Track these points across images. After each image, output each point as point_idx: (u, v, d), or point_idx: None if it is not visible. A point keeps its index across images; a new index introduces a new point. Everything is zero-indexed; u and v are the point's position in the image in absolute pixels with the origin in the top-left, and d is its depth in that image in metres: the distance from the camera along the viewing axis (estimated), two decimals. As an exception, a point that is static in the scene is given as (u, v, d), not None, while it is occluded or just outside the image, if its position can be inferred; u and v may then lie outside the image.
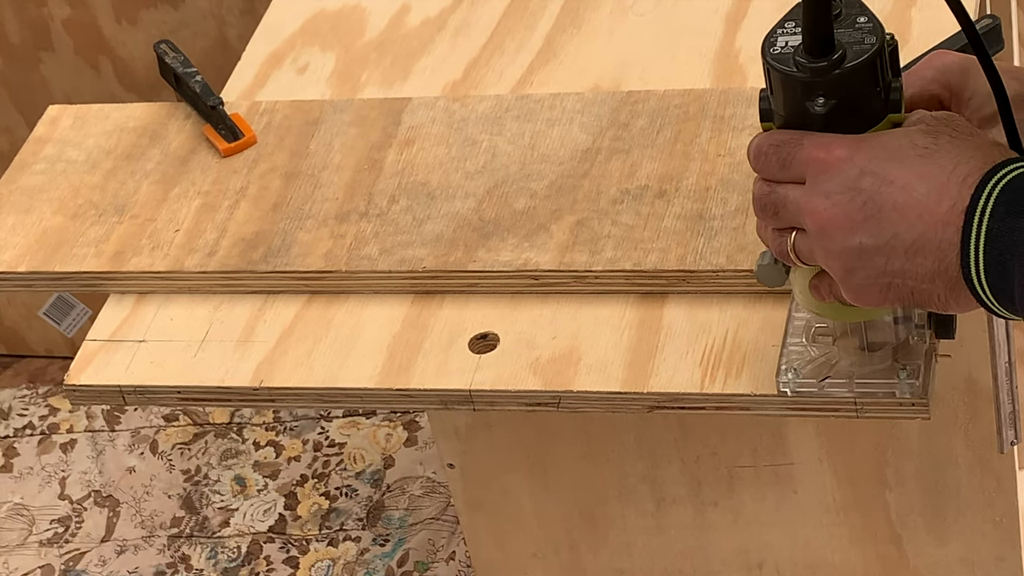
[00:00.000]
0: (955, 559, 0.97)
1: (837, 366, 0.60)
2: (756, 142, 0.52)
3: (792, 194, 0.51)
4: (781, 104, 0.52)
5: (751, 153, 0.53)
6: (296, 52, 0.83)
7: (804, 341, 0.60)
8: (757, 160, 0.52)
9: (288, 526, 1.20)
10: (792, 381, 0.60)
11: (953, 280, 0.49)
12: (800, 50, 0.51)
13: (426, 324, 0.67)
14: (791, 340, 0.61)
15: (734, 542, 1.00)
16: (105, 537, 1.22)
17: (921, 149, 0.50)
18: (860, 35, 0.51)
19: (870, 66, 0.51)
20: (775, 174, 0.52)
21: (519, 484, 1.01)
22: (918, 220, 0.49)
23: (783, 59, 0.51)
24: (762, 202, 0.53)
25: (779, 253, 0.54)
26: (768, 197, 0.52)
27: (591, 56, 0.78)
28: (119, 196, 0.76)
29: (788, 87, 0.51)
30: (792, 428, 0.94)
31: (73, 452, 1.30)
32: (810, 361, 0.60)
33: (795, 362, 0.60)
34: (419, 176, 0.73)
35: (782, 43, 0.51)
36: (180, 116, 0.79)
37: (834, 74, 0.50)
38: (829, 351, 0.60)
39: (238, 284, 0.71)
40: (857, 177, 0.49)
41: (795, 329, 0.61)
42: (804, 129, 0.51)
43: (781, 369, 0.60)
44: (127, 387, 0.68)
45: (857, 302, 0.52)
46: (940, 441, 0.93)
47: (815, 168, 0.50)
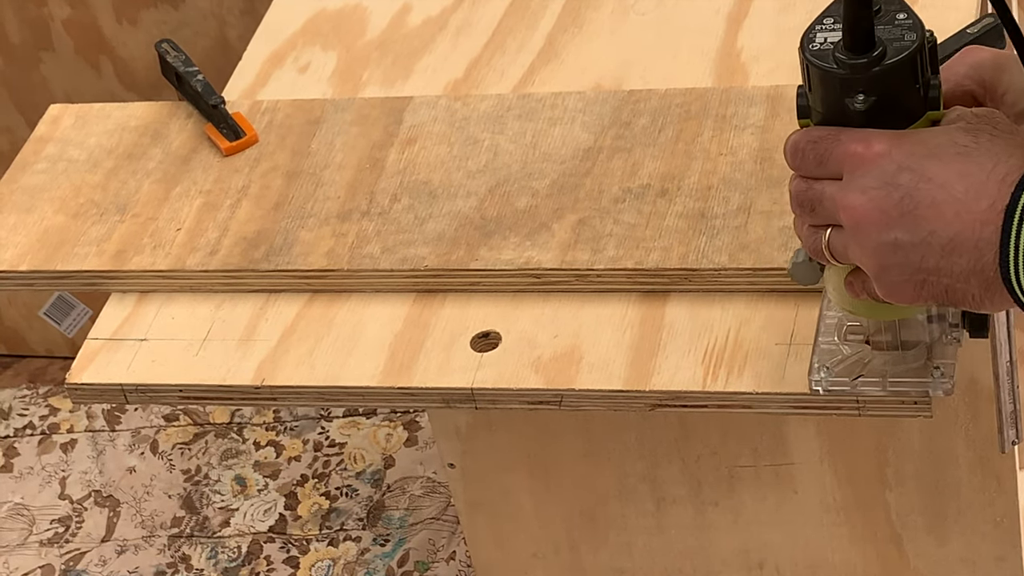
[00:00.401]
0: (956, 559, 0.97)
1: (870, 365, 0.59)
2: (793, 139, 0.52)
3: (828, 190, 0.51)
4: (819, 101, 0.52)
5: (788, 150, 0.52)
6: (297, 51, 0.83)
7: (836, 339, 0.60)
8: (794, 157, 0.52)
9: (288, 526, 1.20)
10: (825, 379, 0.60)
11: (990, 279, 0.48)
12: (840, 46, 0.50)
13: (428, 323, 0.67)
14: (823, 338, 0.60)
15: (734, 542, 1.00)
16: (105, 537, 1.22)
17: (961, 147, 0.49)
18: (900, 32, 0.50)
19: (911, 63, 0.50)
20: (812, 170, 0.52)
21: (519, 484, 1.00)
22: (955, 218, 0.48)
23: (822, 55, 0.51)
24: (799, 199, 0.52)
25: (814, 250, 0.53)
26: (805, 194, 0.52)
27: (593, 55, 0.78)
28: (121, 195, 0.76)
29: (827, 84, 0.51)
30: (793, 428, 0.94)
31: (73, 452, 1.30)
32: (842, 360, 0.59)
33: (827, 360, 0.60)
34: (421, 175, 0.73)
35: (820, 39, 0.51)
36: (181, 115, 0.79)
37: (874, 71, 0.50)
38: (861, 350, 0.59)
39: (240, 283, 0.71)
40: (895, 173, 0.49)
41: (827, 327, 0.60)
42: (842, 126, 0.51)
43: (813, 367, 0.59)
44: (129, 386, 0.68)
45: (891, 299, 0.51)
46: (941, 441, 0.93)
47: (852, 163, 0.50)
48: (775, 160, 0.70)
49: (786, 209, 0.68)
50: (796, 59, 0.77)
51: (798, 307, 0.65)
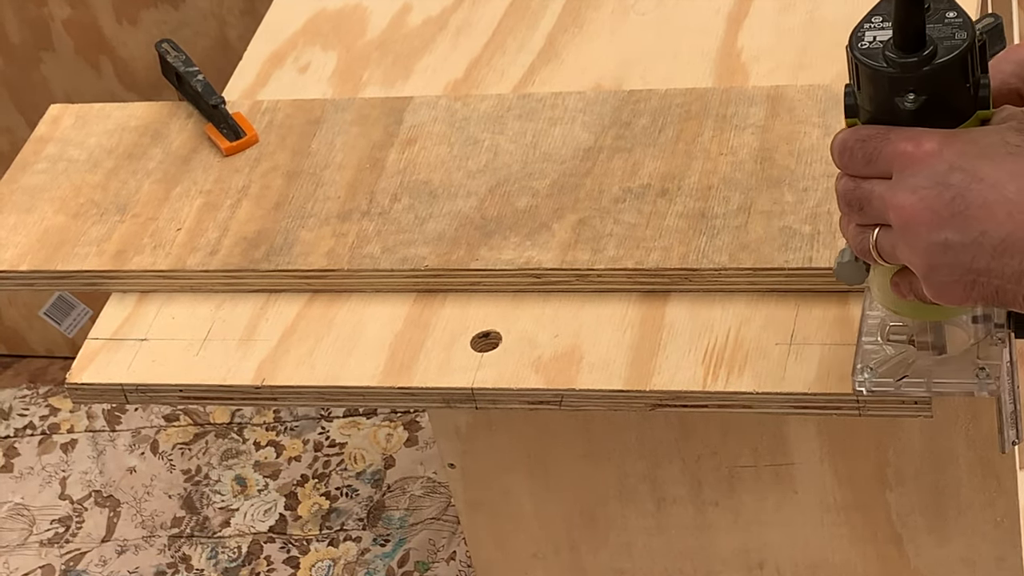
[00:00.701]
0: (956, 559, 0.97)
1: (914, 365, 0.59)
2: (841, 137, 0.52)
3: (877, 189, 0.51)
4: (868, 100, 0.51)
5: (835, 148, 0.52)
6: (298, 51, 0.83)
7: (879, 339, 0.59)
8: (842, 155, 0.51)
9: (288, 526, 1.20)
10: (868, 380, 0.59)
11: None
12: (889, 45, 0.50)
13: (428, 323, 0.67)
14: (866, 338, 0.59)
15: (734, 542, 1.00)
16: (106, 537, 1.22)
17: (1012, 147, 0.49)
18: (950, 30, 0.50)
19: (961, 62, 0.50)
20: (860, 169, 0.51)
21: (520, 484, 1.00)
22: (1007, 219, 0.48)
23: (872, 54, 0.50)
24: (846, 198, 0.52)
25: (860, 250, 0.53)
26: (853, 193, 0.51)
27: (593, 55, 0.78)
28: (121, 195, 0.76)
29: (877, 82, 0.51)
30: (793, 428, 0.94)
31: (74, 452, 1.30)
32: (886, 360, 0.59)
33: (870, 361, 0.59)
34: (421, 175, 0.73)
35: (870, 38, 0.51)
36: (182, 115, 0.79)
37: (925, 70, 0.49)
38: (905, 350, 0.59)
39: (240, 283, 0.71)
40: (946, 172, 0.49)
41: (869, 327, 0.59)
42: (891, 125, 0.51)
43: (857, 368, 0.59)
44: (129, 385, 0.68)
45: (939, 300, 0.51)
46: (941, 441, 0.93)
47: (902, 162, 0.50)
48: (775, 160, 0.70)
49: (786, 209, 0.68)
50: (795, 59, 0.77)
51: (798, 307, 0.65)
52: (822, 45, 0.76)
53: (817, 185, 0.68)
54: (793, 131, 0.71)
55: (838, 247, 0.65)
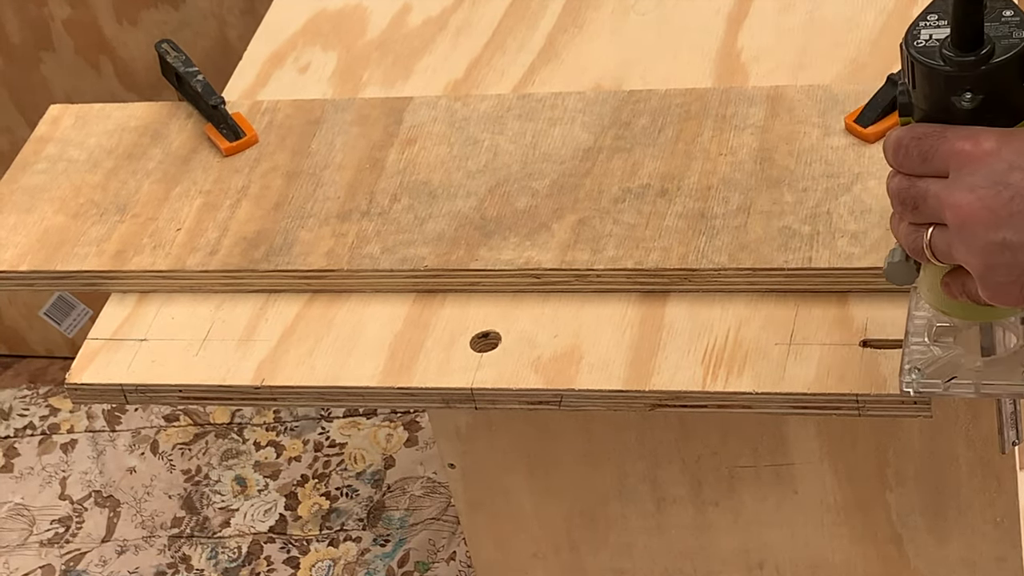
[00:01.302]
0: (956, 559, 0.97)
1: (962, 367, 0.58)
2: (896, 135, 0.51)
3: (933, 188, 0.50)
4: (923, 98, 0.51)
5: (890, 146, 0.51)
6: (298, 51, 0.83)
7: (926, 340, 0.59)
8: (896, 153, 0.51)
9: (289, 526, 1.20)
10: (916, 381, 0.58)
11: None
12: (946, 43, 0.50)
13: (428, 323, 0.67)
14: (913, 339, 0.59)
15: (735, 542, 1.00)
16: (106, 537, 1.22)
17: None
18: (1008, 29, 0.50)
19: (1019, 61, 0.50)
20: (915, 167, 0.51)
21: (520, 484, 1.00)
22: None
23: (928, 52, 0.50)
24: (900, 196, 0.51)
25: (913, 249, 0.52)
26: (908, 191, 0.51)
27: (593, 55, 0.78)
28: (120, 195, 0.76)
29: (933, 81, 0.50)
30: (793, 428, 0.94)
31: (74, 452, 1.30)
32: (934, 361, 0.59)
33: (918, 362, 0.59)
34: (421, 175, 0.73)
35: (925, 36, 0.50)
36: (182, 115, 0.79)
37: (983, 69, 0.49)
38: (953, 351, 0.59)
39: (240, 283, 0.71)
40: (1005, 171, 0.48)
41: (916, 328, 0.59)
42: (946, 124, 0.50)
43: (904, 369, 0.58)
44: (128, 386, 0.68)
45: (994, 301, 0.51)
46: (941, 441, 0.93)
47: (960, 160, 0.49)
48: (775, 160, 0.70)
49: (785, 209, 0.68)
50: (795, 59, 0.77)
51: (797, 307, 0.65)
52: (822, 45, 0.76)
53: (816, 185, 0.68)
54: (793, 131, 0.71)
55: (837, 247, 0.66)
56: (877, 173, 0.68)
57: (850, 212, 0.66)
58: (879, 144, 0.69)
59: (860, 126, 0.70)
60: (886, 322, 0.63)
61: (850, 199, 0.67)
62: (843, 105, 0.71)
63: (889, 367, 0.62)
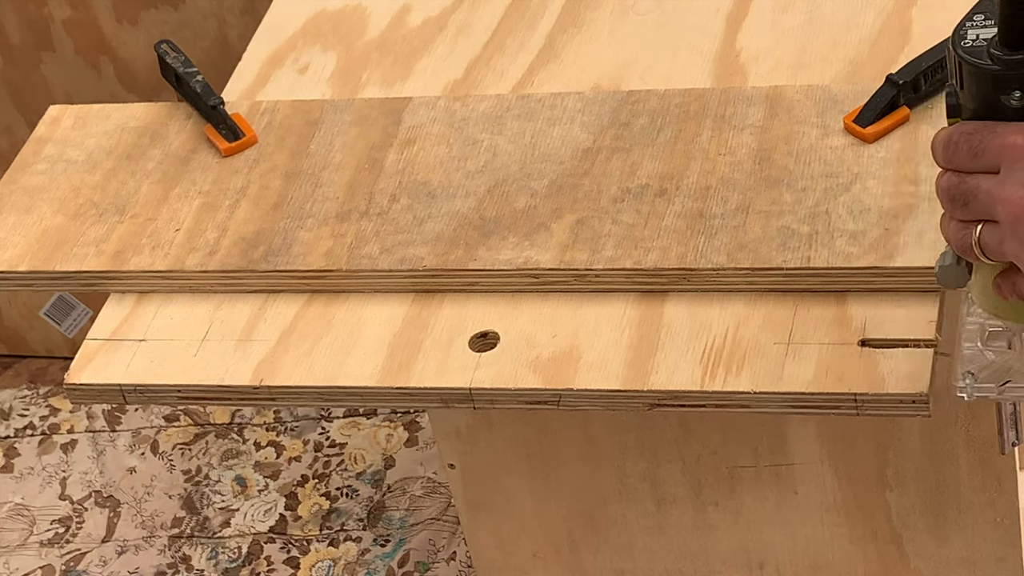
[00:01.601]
0: (956, 559, 0.97)
1: (1016, 370, 0.58)
2: (945, 132, 0.51)
3: (984, 184, 0.50)
4: (971, 98, 0.51)
5: (939, 144, 0.51)
6: (297, 52, 0.84)
7: (979, 344, 0.59)
8: (946, 150, 0.51)
9: (289, 526, 1.20)
10: (970, 387, 0.58)
11: None
12: (994, 43, 0.50)
13: (426, 323, 0.67)
14: (966, 343, 0.58)
15: (735, 542, 1.00)
16: (106, 537, 1.22)
17: None
18: None
19: None
20: (965, 164, 0.51)
21: (520, 484, 1.01)
22: None
23: (976, 52, 0.50)
24: (950, 193, 0.51)
25: (962, 247, 0.52)
26: (957, 188, 0.51)
27: (592, 56, 0.79)
28: (120, 196, 0.76)
29: (981, 81, 0.50)
30: (793, 428, 0.94)
31: (74, 452, 1.30)
32: (987, 365, 0.58)
33: (972, 366, 0.58)
34: (420, 175, 0.73)
35: (972, 36, 0.51)
36: (181, 116, 0.79)
37: None
38: (1006, 354, 0.58)
39: (238, 283, 0.71)
40: None
41: (969, 332, 0.59)
42: None
43: (958, 374, 0.58)
44: (127, 386, 0.68)
45: None
46: (941, 441, 0.93)
47: (1012, 155, 0.49)
48: (773, 160, 0.70)
49: (784, 209, 0.68)
50: (794, 59, 0.77)
51: (796, 307, 0.65)
52: (820, 46, 0.76)
53: (815, 185, 0.68)
54: (791, 131, 0.71)
55: (836, 246, 0.66)
56: (876, 173, 0.68)
57: (849, 212, 0.67)
58: (878, 144, 0.69)
59: (859, 126, 0.70)
60: (884, 321, 0.63)
61: (849, 199, 0.67)
62: (842, 105, 0.71)
63: (887, 366, 0.62)
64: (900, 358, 0.62)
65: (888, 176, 0.68)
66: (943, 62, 0.70)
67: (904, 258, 0.64)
